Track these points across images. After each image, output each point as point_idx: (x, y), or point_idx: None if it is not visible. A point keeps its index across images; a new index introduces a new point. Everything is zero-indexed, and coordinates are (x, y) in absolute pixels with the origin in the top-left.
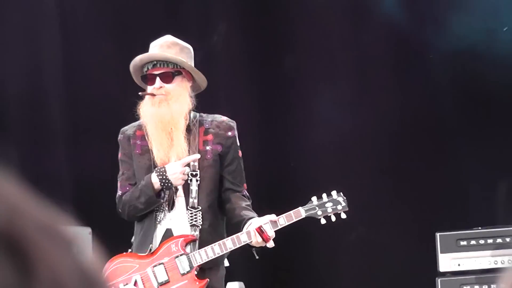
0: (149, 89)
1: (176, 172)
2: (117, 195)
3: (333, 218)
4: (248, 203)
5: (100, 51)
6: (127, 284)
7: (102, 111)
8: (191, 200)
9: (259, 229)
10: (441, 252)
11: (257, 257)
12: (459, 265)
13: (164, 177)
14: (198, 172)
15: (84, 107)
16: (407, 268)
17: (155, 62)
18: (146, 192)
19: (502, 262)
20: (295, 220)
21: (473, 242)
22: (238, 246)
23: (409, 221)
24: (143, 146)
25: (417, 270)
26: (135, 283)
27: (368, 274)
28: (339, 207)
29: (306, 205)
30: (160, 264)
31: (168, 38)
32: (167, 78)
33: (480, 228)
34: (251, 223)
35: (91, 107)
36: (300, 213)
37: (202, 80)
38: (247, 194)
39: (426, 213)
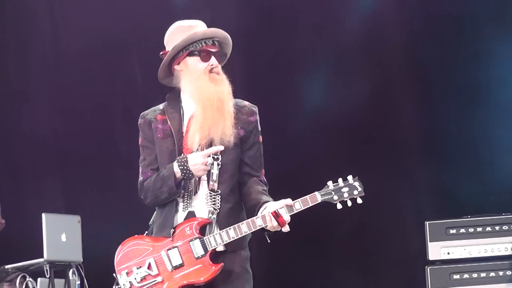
0: (203, 65)
1: (197, 163)
2: (138, 181)
3: (349, 203)
4: (265, 188)
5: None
6: (140, 267)
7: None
8: (211, 183)
9: (275, 213)
10: (430, 241)
11: (268, 241)
12: (448, 253)
13: (185, 167)
14: (219, 156)
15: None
16: (398, 256)
17: (211, 41)
18: (168, 182)
19: (492, 250)
20: (311, 204)
21: (462, 230)
22: (253, 230)
23: (400, 209)
24: (165, 130)
25: (407, 258)
26: (149, 266)
27: (360, 262)
28: (355, 192)
29: (322, 190)
30: (174, 247)
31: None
32: (220, 58)
33: (469, 216)
34: (266, 207)
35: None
36: (316, 197)
37: None
38: (265, 179)
39: (416, 202)
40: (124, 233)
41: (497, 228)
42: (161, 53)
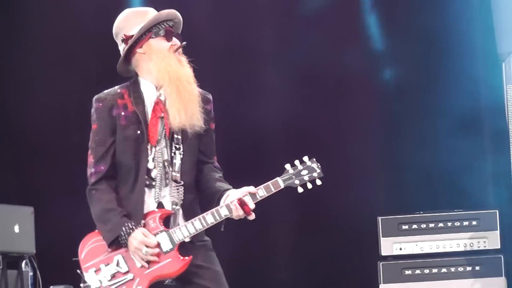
0: (167, 45)
1: (133, 243)
2: (88, 172)
3: (309, 186)
4: (221, 174)
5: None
6: (108, 264)
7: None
8: (173, 174)
9: (240, 201)
10: (382, 236)
11: (222, 229)
12: (400, 249)
13: (127, 234)
14: (181, 146)
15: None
16: (349, 251)
17: (172, 22)
18: (108, 234)
19: (444, 246)
20: (274, 191)
21: (414, 226)
22: (219, 220)
23: (351, 204)
24: (127, 116)
25: (359, 253)
26: (118, 263)
27: (309, 257)
28: (315, 174)
29: (283, 175)
30: None
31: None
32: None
33: (421, 212)
34: (228, 195)
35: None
36: (278, 183)
37: None
38: (218, 165)
39: (369, 197)
40: (77, 224)
41: (449, 224)
42: (122, 38)
